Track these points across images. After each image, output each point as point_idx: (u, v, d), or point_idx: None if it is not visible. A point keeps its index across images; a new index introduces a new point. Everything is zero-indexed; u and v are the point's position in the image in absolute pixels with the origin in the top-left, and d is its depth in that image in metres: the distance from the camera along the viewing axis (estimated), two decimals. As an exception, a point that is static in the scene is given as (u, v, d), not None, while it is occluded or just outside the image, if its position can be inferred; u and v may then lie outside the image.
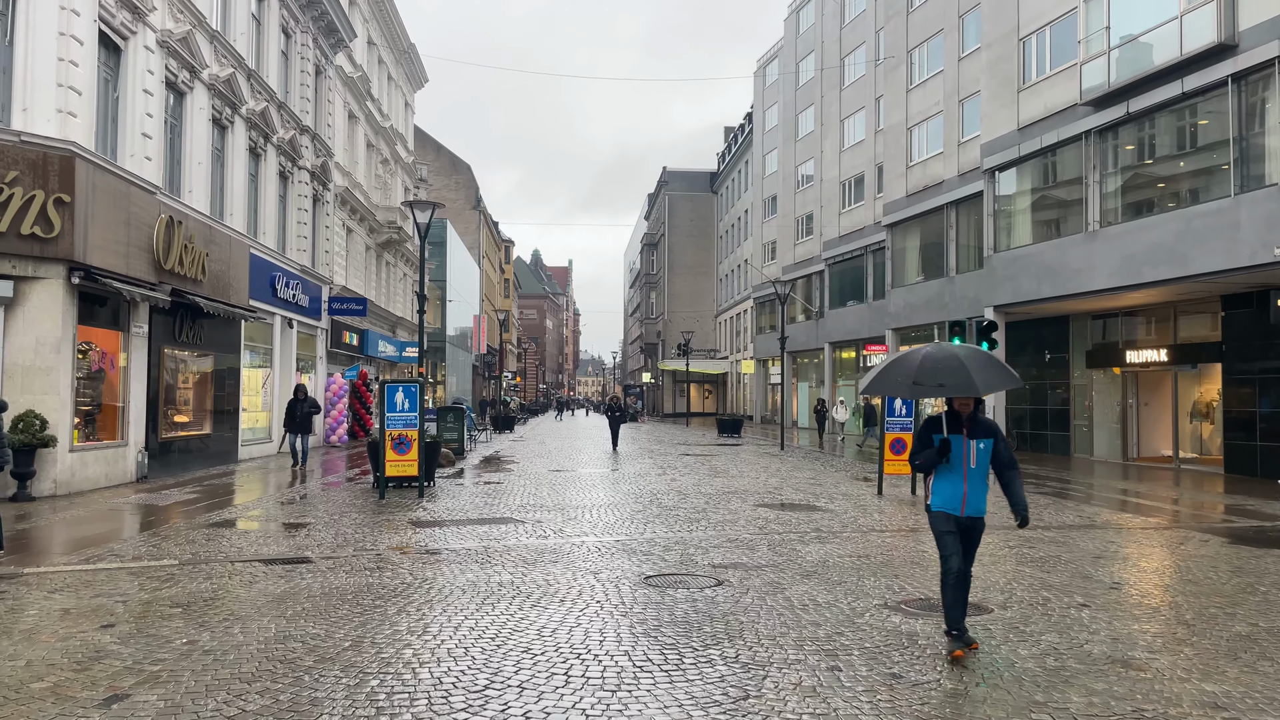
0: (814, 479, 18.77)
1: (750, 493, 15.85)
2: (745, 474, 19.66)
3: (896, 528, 12.02)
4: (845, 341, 42.05)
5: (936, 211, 31.77)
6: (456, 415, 24.51)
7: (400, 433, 14.28)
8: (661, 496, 15.03)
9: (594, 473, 19.82)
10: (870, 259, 39.07)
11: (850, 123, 41.95)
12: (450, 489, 15.98)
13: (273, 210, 23.57)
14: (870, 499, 15.21)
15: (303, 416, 19.54)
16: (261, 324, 22.90)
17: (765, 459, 24.62)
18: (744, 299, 63.43)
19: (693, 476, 18.84)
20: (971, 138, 29.78)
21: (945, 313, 30.93)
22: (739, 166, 67.38)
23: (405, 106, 41.72)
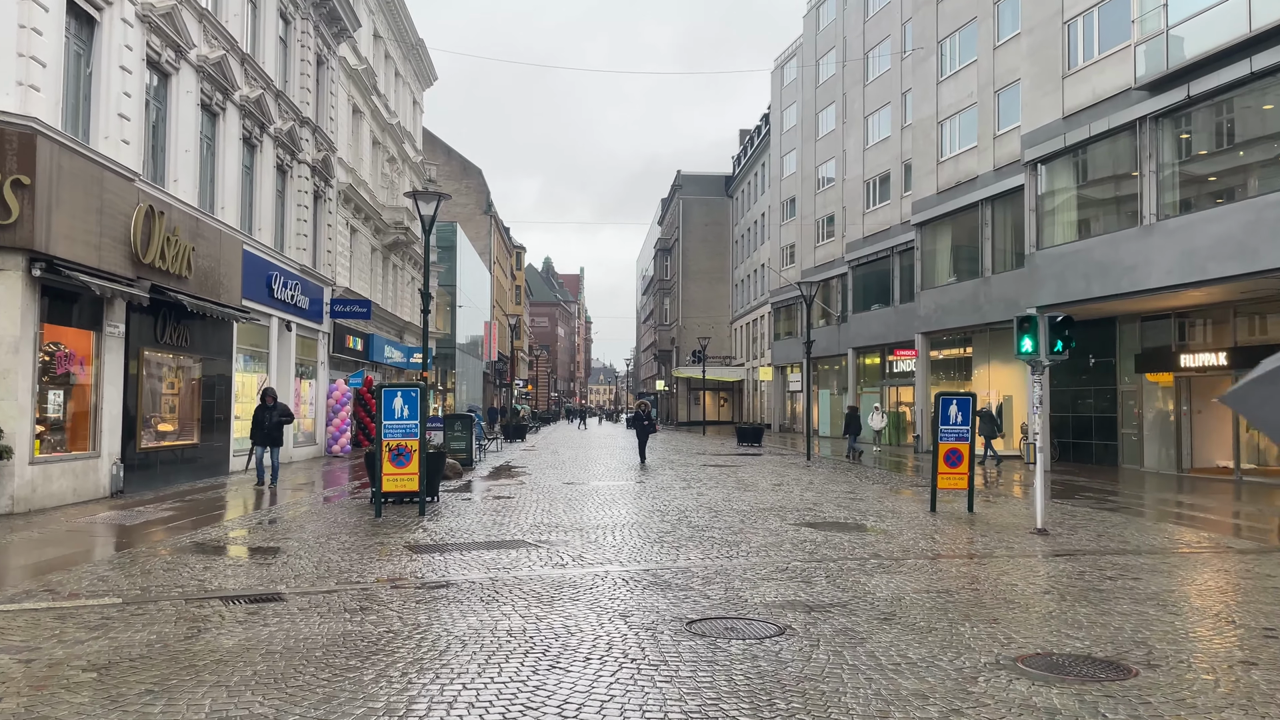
0: (852, 493, 17.15)
1: (788, 509, 14.25)
2: (777, 488, 18.06)
3: (967, 553, 10.40)
4: (870, 346, 40.41)
5: (970, 209, 30.15)
6: (464, 424, 23.00)
7: (399, 443, 12.75)
8: (690, 514, 13.45)
9: (612, 486, 18.25)
10: (897, 260, 37.44)
11: (874, 119, 40.38)
12: (455, 505, 14.44)
13: (269, 205, 22.15)
14: (923, 517, 13.60)
15: (271, 426, 16.86)
16: (256, 326, 21.45)
17: (794, 470, 23.01)
18: (761, 304, 61.82)
19: (720, 490, 17.25)
20: (1009, 129, 28.16)
21: (980, 315, 29.29)
22: (755, 169, 65.86)
23: (414, 104, 40.38)
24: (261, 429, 16.82)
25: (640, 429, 26.68)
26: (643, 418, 27.45)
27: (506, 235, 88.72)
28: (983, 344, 30.89)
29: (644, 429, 26.59)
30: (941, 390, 14.40)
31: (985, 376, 30.52)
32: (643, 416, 27.65)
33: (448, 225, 54.46)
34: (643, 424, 26.90)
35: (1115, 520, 13.58)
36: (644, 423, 26.97)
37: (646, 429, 26.66)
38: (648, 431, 26.61)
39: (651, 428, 26.89)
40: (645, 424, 26.90)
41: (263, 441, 16.88)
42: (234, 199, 19.85)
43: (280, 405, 17.22)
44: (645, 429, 26.62)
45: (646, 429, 26.66)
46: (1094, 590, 8.22)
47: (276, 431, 16.98)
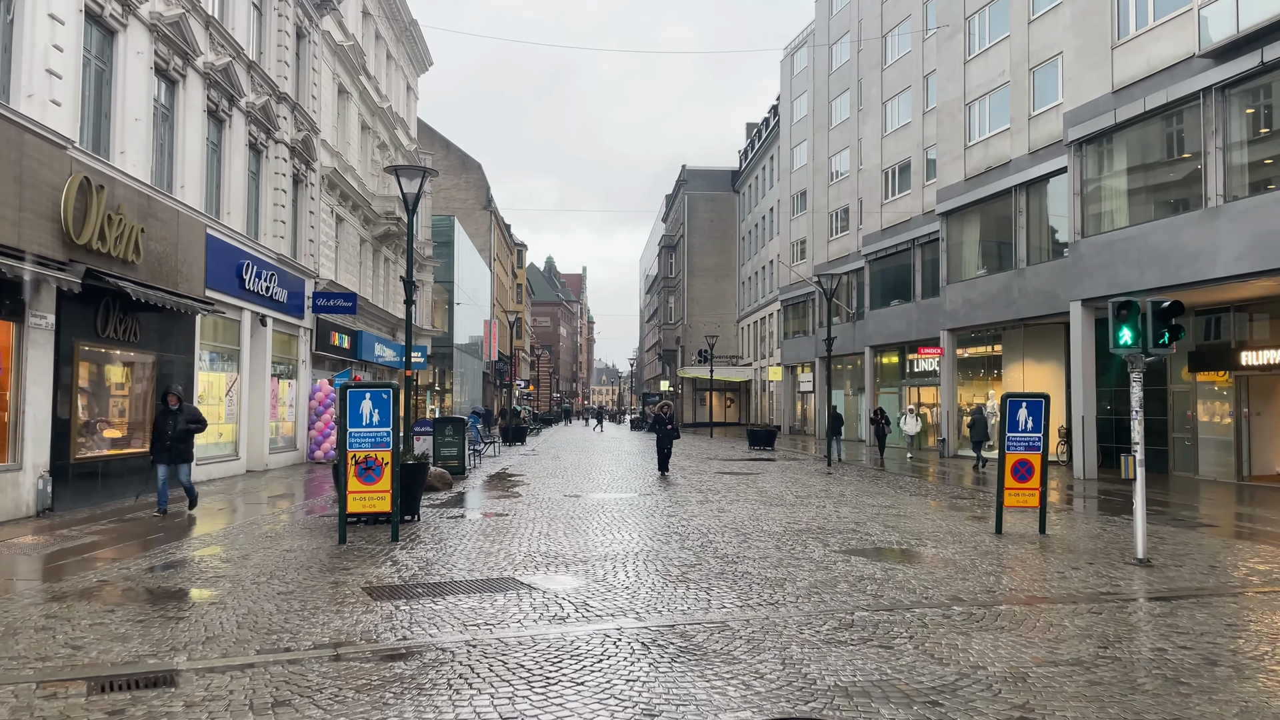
0: (892, 508, 15.04)
1: (827, 530, 12.14)
2: (806, 501, 15.93)
3: (1068, 594, 8.29)
4: (888, 345, 38.27)
5: (1002, 196, 28.01)
6: (456, 428, 20.92)
7: (368, 454, 10.65)
8: (715, 538, 11.35)
9: (619, 500, 16.13)
10: (918, 253, 35.30)
11: (893, 105, 38.24)
12: (438, 526, 12.33)
13: (240, 187, 20.07)
14: (990, 541, 11.49)
15: (176, 437, 12.84)
16: (224, 320, 19.37)
17: (817, 479, 20.90)
18: (769, 301, 59.71)
19: (744, 505, 15.13)
20: (1047, 109, 26.04)
21: (1014, 309, 27.16)
22: (763, 162, 63.75)
23: (407, 90, 38.30)
24: (162, 441, 12.89)
25: (661, 433, 22.44)
26: (664, 420, 22.89)
27: (507, 232, 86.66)
28: (1015, 341, 28.76)
29: (666, 434, 22.37)
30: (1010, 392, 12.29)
31: (1018, 375, 28.40)
32: (664, 419, 22.96)
33: (445, 219, 52.42)
34: (664, 427, 22.55)
35: (1215, 545, 11.47)
36: (666, 426, 22.59)
37: (669, 434, 22.46)
38: (670, 436, 22.47)
39: (674, 432, 22.69)
40: (668, 428, 22.58)
41: (165, 457, 12.95)
42: (196, 177, 17.77)
43: (189, 409, 13.45)
44: (667, 434, 22.40)
45: (669, 434, 22.46)
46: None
47: (183, 443, 13.04)
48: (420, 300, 41.17)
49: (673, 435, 22.65)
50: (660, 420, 22.99)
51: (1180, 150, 20.54)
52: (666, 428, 22.58)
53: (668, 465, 22.30)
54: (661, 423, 22.78)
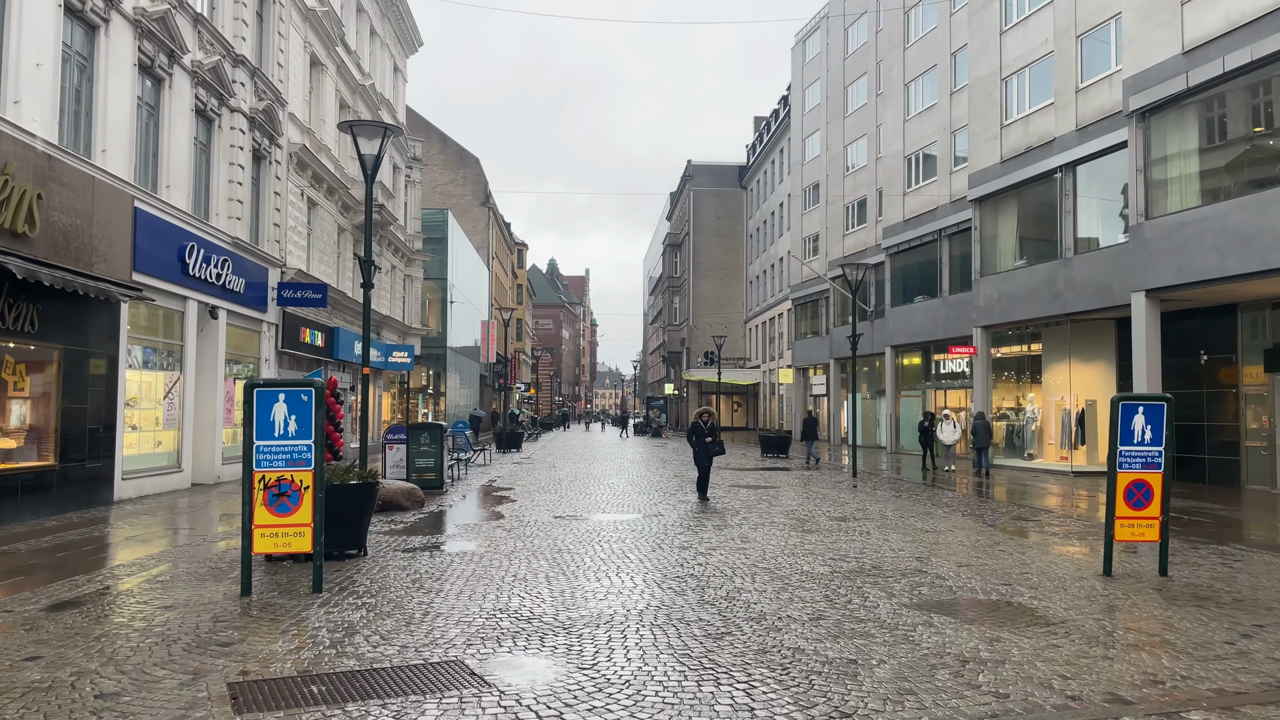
0: (949, 533, 12.32)
1: (884, 571, 9.44)
2: (844, 525, 13.21)
3: (1272, 681, 5.58)
4: (911, 344, 35.55)
5: (1044, 178, 25.30)
6: (432, 436, 18.23)
7: (280, 475, 7.97)
8: (743, 585, 8.64)
9: (620, 523, 13.42)
10: (946, 245, 32.60)
11: (916, 86, 35.56)
12: (384, 567, 9.63)
13: (184, 157, 17.42)
14: (1100, 587, 8.78)
15: None
16: (160, 309, 16.72)
17: (847, 494, 18.18)
18: (779, 301, 57.00)
19: (771, 531, 12.42)
20: (1099, 79, 23.35)
21: (1059, 303, 24.44)
22: (772, 156, 61.08)
23: (394, 71, 35.67)
24: None
25: (700, 447, 17.30)
26: (704, 431, 17.50)
27: (507, 230, 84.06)
28: (1058, 339, 26.03)
29: (705, 447, 17.25)
30: (1123, 395, 9.55)
31: (1063, 377, 25.67)
32: (704, 429, 17.55)
33: (438, 212, 49.81)
34: (704, 440, 17.37)
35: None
36: (706, 439, 17.39)
37: (710, 447, 17.30)
38: (711, 451, 17.31)
39: (717, 445, 17.60)
40: (709, 441, 17.37)
41: None
42: (123, 142, 15.11)
43: None
44: (707, 447, 17.26)
45: (710, 447, 17.30)
46: None
47: None
48: (409, 297, 38.53)
49: (714, 449, 17.46)
50: (699, 431, 17.55)
51: (1268, 117, 17.84)
52: (706, 440, 17.36)
53: (707, 488, 17.33)
54: (700, 434, 17.47)
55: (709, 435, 17.46)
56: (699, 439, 17.46)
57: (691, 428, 17.75)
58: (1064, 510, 15.94)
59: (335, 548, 9.79)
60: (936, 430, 24.94)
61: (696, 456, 17.37)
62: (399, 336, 36.22)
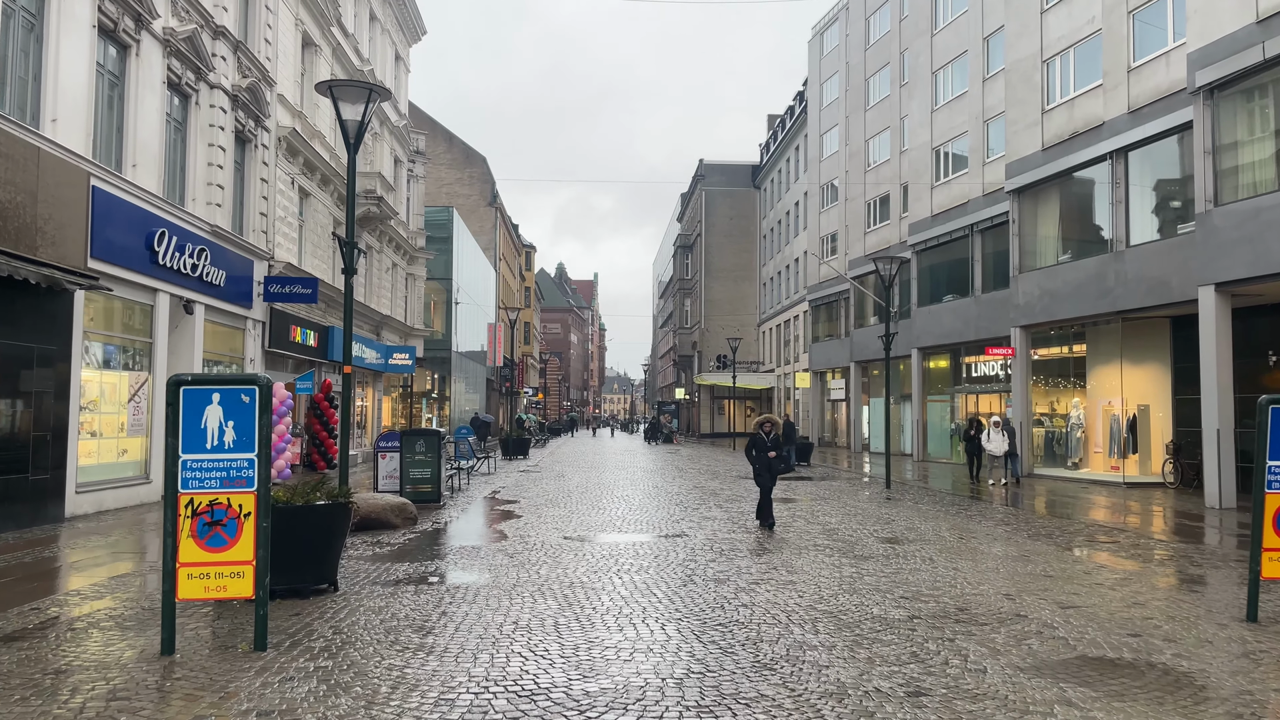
0: (1027, 560, 10.48)
1: (972, 615, 7.62)
2: (900, 549, 11.38)
3: None
4: (939, 346, 33.66)
5: (1093, 164, 23.43)
6: (428, 443, 16.44)
7: (214, 498, 6.20)
8: (804, 639, 6.82)
9: (638, 547, 11.62)
10: (978, 240, 30.74)
11: (946, 74, 33.72)
12: (352, 610, 7.84)
13: (154, 134, 15.70)
14: (1251, 637, 6.95)
15: None
16: (122, 301, 14.99)
17: (890, 509, 16.33)
18: (795, 303, 55.16)
19: (821, 562, 10.59)
20: (1155, 56, 21.50)
21: (1109, 300, 22.54)
22: (787, 154, 59.28)
23: (396, 59, 34.01)
24: None
25: (763, 464, 13.81)
26: (765, 444, 13.91)
27: (515, 232, 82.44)
28: (1105, 339, 24.14)
29: (769, 464, 13.83)
30: (1270, 397, 7.64)
31: (1111, 380, 23.77)
32: (765, 442, 13.92)
33: (443, 210, 48.17)
34: (766, 456, 13.83)
35: None
36: (769, 454, 13.86)
37: (775, 464, 13.94)
38: (776, 468, 14.03)
39: (782, 462, 14.84)
40: (773, 456, 13.90)
41: None
42: (78, 112, 13.39)
43: None
44: (772, 464, 13.87)
45: (775, 464, 13.94)
46: None
47: None
48: (412, 296, 36.84)
49: (780, 466, 14.34)
50: (759, 444, 13.89)
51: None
52: (769, 455, 13.83)
53: (771, 512, 13.76)
54: (762, 447, 13.84)
55: (772, 449, 13.92)
56: (760, 453, 13.91)
57: (751, 441, 14.16)
58: (1142, 529, 14.08)
59: (299, 582, 8.03)
60: (984, 439, 22.85)
61: (757, 475, 13.86)
62: (400, 337, 34.50)
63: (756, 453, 14.00)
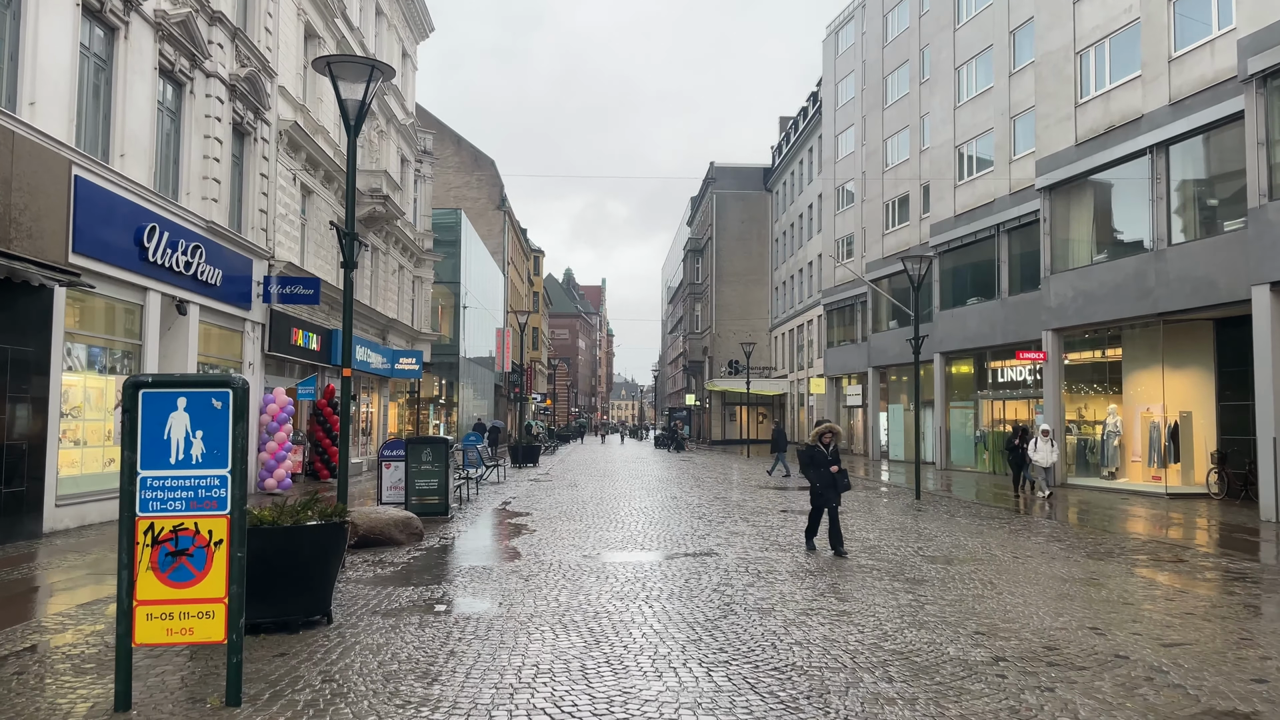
0: (1098, 583, 9.41)
1: (1071, 658, 6.56)
2: (953, 573, 10.31)
3: None
4: (963, 351, 32.56)
5: (1131, 159, 22.35)
6: (435, 452, 15.43)
7: (178, 523, 5.19)
8: (882, 692, 5.76)
9: (665, 567, 10.58)
10: (1004, 241, 29.66)
11: (969, 70, 32.68)
12: (349, 645, 6.83)
13: (145, 123, 14.77)
14: None
15: None
16: (109, 300, 14.03)
17: (926, 522, 15.26)
18: (809, 307, 54.10)
19: (871, 586, 9.52)
20: (1197, 45, 20.43)
21: (1150, 302, 21.46)
22: (800, 156, 58.27)
23: (403, 57, 33.12)
24: None
25: (826, 481, 11.80)
26: (823, 459, 11.91)
27: (523, 236, 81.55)
28: (1143, 343, 23.05)
29: (833, 480, 11.81)
30: None
31: (1149, 386, 22.66)
32: (826, 455, 11.94)
33: (450, 212, 47.27)
34: (827, 469, 11.83)
35: None
36: (826, 467, 11.85)
37: (841, 480, 11.86)
38: (841, 485, 11.88)
39: (846, 478, 12.06)
40: (836, 471, 11.87)
41: None
42: (60, 96, 12.45)
43: None
44: (836, 480, 11.82)
45: (841, 480, 11.86)
46: None
47: None
48: (419, 300, 35.90)
49: (845, 482, 11.98)
50: (819, 459, 11.91)
51: None
52: (829, 471, 11.81)
53: (842, 540, 11.69)
54: (823, 461, 11.88)
55: (832, 463, 11.84)
56: (823, 469, 11.80)
57: (807, 454, 12.10)
58: (1205, 546, 13.00)
59: (287, 614, 7.02)
60: (1031, 449, 21.46)
61: (817, 495, 11.81)
62: (407, 342, 33.55)
63: (816, 467, 11.97)
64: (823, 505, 11.94)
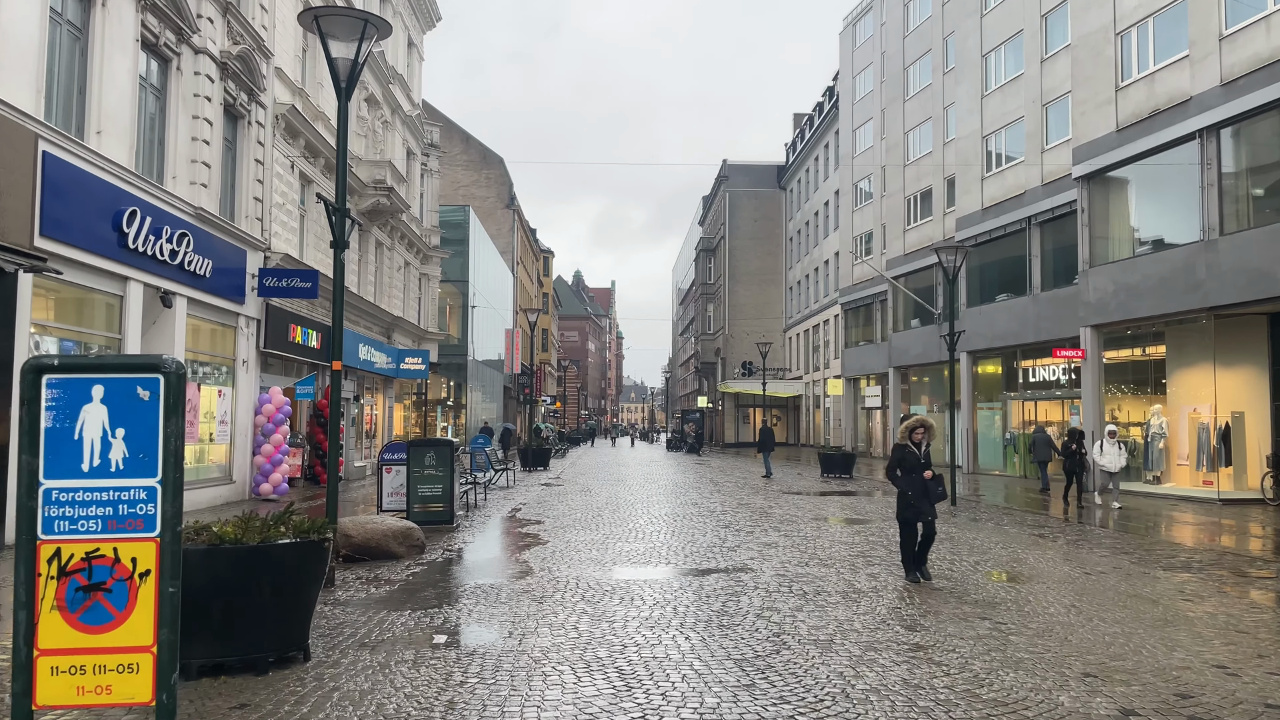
0: (1199, 604, 8.15)
1: (1210, 708, 5.31)
2: (1031, 596, 9.04)
3: None
4: (991, 350, 31.22)
5: (1178, 144, 21.06)
6: (440, 456, 14.23)
7: (94, 548, 3.99)
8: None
9: (698, 588, 9.35)
10: (1036, 234, 28.34)
11: (997, 57, 31.37)
12: (326, 692, 5.63)
13: (125, 99, 13.63)
14: None
15: None
16: (82, 290, 12.88)
17: (970, 532, 13.99)
18: (825, 306, 52.81)
19: (935, 608, 8.29)
20: (1251, 21, 19.14)
21: (1200, 296, 20.15)
22: (816, 152, 57.00)
23: (409, 46, 32.00)
24: None
25: (919, 489, 9.64)
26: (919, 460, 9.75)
27: (532, 236, 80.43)
28: (1190, 339, 21.74)
29: (925, 488, 9.67)
30: None
31: (1197, 385, 21.34)
32: (919, 458, 9.74)
33: (459, 209, 46.18)
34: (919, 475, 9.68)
35: None
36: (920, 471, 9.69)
37: (934, 487, 9.72)
38: (935, 494, 9.78)
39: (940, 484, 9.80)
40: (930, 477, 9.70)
41: None
42: (26, 63, 11.31)
43: None
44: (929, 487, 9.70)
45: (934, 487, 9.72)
46: None
47: None
48: (425, 298, 34.77)
49: (941, 491, 9.83)
50: (911, 461, 9.69)
51: None
52: (922, 477, 9.64)
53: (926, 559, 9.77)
54: (914, 466, 9.65)
55: (927, 465, 9.72)
56: (912, 473, 9.59)
57: (897, 455, 9.79)
58: (1293, 561, 11.71)
59: (254, 650, 5.82)
60: (1093, 452, 19.28)
61: (907, 504, 9.55)
62: (414, 341, 32.40)
63: (905, 472, 9.60)
64: (915, 519, 9.58)
